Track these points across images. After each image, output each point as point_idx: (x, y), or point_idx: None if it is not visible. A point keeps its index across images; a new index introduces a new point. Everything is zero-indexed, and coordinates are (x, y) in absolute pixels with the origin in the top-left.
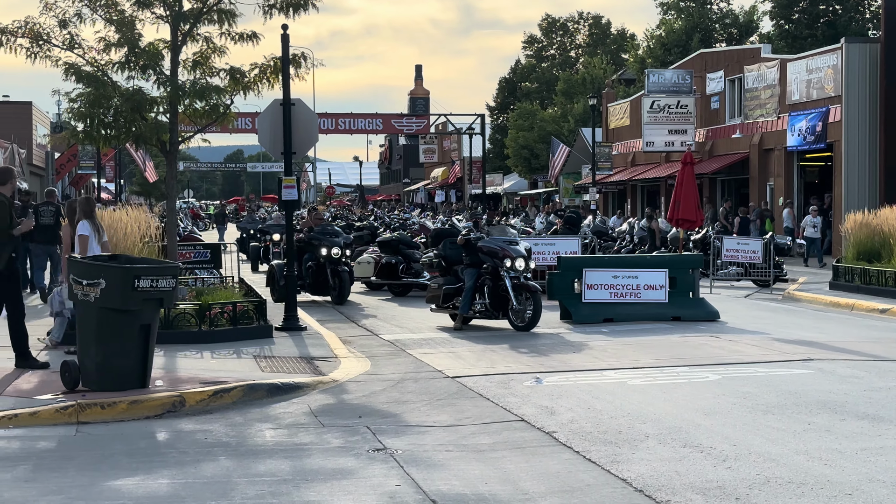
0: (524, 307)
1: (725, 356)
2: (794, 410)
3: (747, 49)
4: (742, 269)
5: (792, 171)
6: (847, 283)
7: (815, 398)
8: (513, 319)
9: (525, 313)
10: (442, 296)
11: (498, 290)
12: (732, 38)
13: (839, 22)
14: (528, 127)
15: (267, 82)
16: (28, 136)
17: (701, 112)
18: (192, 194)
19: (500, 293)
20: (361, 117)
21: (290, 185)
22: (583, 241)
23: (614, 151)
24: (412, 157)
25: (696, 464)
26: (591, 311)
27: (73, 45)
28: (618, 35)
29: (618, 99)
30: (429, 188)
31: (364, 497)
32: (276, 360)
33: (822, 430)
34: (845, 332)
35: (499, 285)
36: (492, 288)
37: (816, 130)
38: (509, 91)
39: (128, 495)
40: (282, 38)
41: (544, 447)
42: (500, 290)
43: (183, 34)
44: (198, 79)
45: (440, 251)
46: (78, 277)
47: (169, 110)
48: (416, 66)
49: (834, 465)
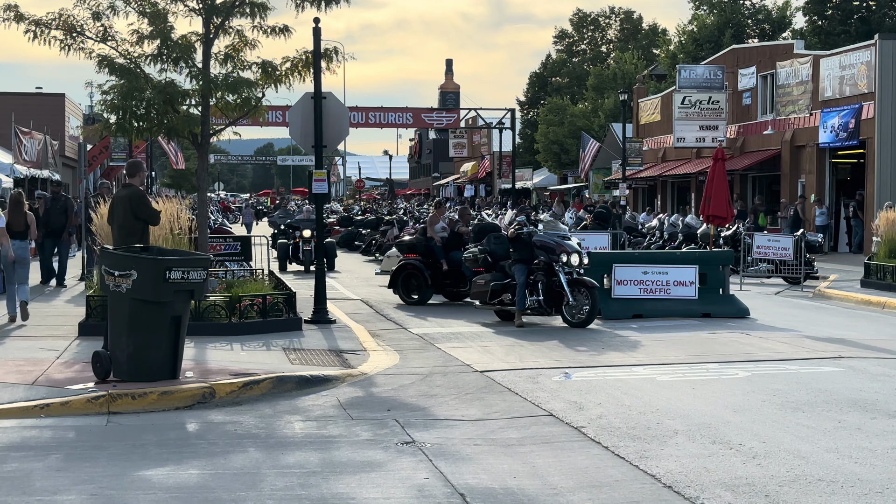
0: (580, 303)
1: (755, 353)
2: (824, 408)
3: (780, 45)
4: (773, 266)
5: (824, 168)
6: (879, 280)
7: (845, 396)
8: (567, 315)
9: (582, 308)
10: (490, 292)
11: (551, 285)
12: (765, 33)
13: (873, 18)
14: (559, 122)
15: (298, 76)
16: (61, 127)
17: (732, 108)
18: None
19: (554, 289)
20: (392, 111)
21: (321, 178)
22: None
23: (645, 147)
24: (442, 152)
25: (726, 460)
26: (621, 307)
27: (106, 38)
28: (649, 30)
29: (649, 94)
30: (458, 182)
31: (392, 490)
32: (305, 353)
33: (853, 429)
34: (876, 329)
35: (552, 281)
36: (545, 284)
37: (849, 127)
38: (540, 86)
39: (158, 485)
40: (313, 31)
41: (573, 442)
42: (554, 286)
43: (215, 27)
44: (230, 72)
45: (484, 246)
46: (110, 268)
47: (201, 103)
48: (447, 61)
49: (864, 463)
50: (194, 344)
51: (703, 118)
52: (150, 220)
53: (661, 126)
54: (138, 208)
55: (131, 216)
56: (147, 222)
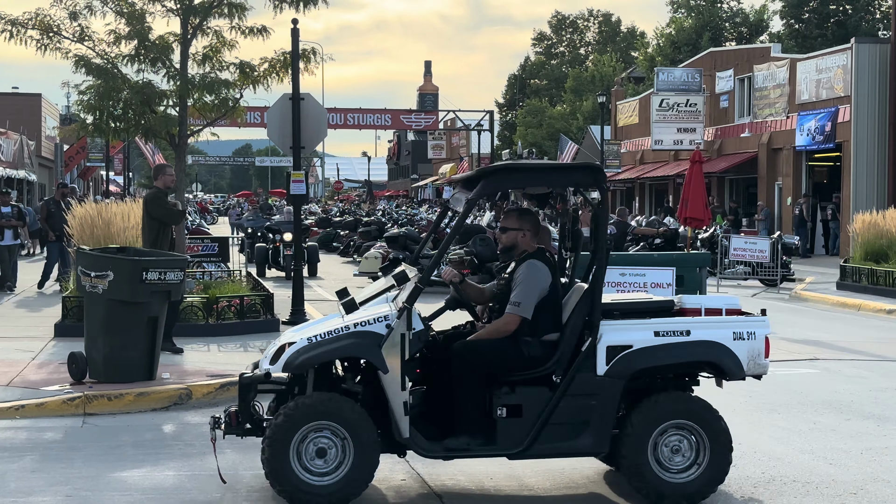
0: None
1: None
2: (799, 410)
3: (757, 48)
4: (749, 269)
5: (800, 171)
6: (854, 283)
7: (820, 397)
8: None
9: None
10: None
11: None
12: (742, 37)
13: (849, 22)
14: (537, 124)
15: (276, 76)
16: (37, 127)
17: (710, 111)
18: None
19: None
20: (370, 112)
21: (299, 179)
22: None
23: (623, 149)
24: (421, 153)
25: None
26: None
27: (83, 38)
28: (628, 33)
29: (627, 97)
30: (437, 184)
31: (369, 491)
32: None
33: (828, 430)
34: (852, 332)
35: None
36: None
37: (825, 130)
38: (518, 88)
39: (134, 487)
40: (292, 32)
41: None
42: None
43: (193, 27)
44: (207, 72)
45: (471, 248)
46: (86, 269)
47: (178, 104)
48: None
49: (839, 464)
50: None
51: (680, 121)
52: (166, 218)
53: (638, 128)
54: (153, 209)
55: (147, 217)
56: (163, 222)
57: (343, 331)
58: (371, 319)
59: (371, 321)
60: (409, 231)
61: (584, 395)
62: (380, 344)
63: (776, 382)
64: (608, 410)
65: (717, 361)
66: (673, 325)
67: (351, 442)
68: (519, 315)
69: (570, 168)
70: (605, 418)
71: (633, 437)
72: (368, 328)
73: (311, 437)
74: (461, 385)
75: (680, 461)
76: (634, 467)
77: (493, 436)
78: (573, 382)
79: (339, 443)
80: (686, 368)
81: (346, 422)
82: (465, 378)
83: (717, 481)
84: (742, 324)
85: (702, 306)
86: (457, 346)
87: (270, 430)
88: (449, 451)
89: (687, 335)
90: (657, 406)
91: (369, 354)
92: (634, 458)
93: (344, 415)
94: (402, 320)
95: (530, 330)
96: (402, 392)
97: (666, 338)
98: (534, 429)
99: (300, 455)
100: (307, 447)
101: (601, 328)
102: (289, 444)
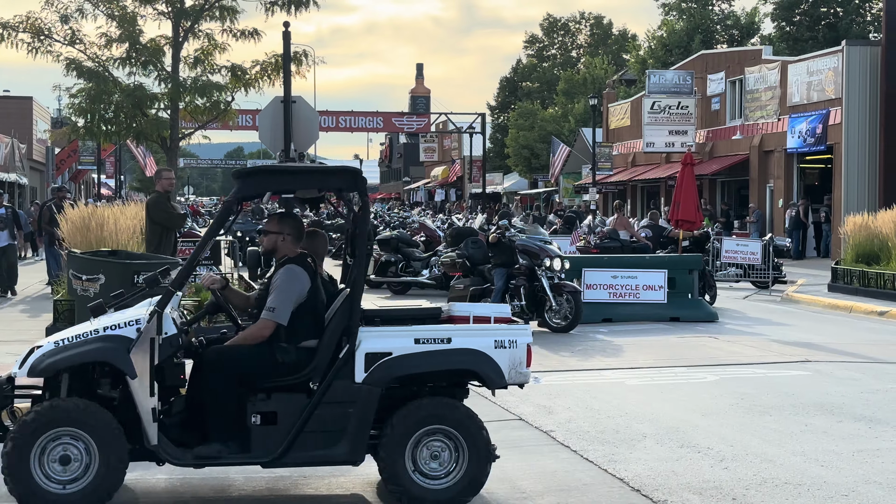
0: (562, 308)
1: (723, 357)
2: (791, 412)
3: (748, 51)
4: (741, 271)
5: (792, 173)
6: (846, 285)
7: (812, 399)
8: (549, 321)
9: (564, 313)
10: (469, 297)
11: (534, 290)
12: (734, 39)
13: (840, 24)
14: (529, 126)
15: (268, 79)
16: (28, 131)
17: (701, 113)
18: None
19: (536, 293)
20: (362, 115)
21: None
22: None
23: (615, 152)
24: (412, 156)
25: (693, 464)
26: (591, 311)
27: (74, 41)
28: (619, 35)
29: (618, 99)
30: (429, 187)
31: (360, 492)
32: None
33: (819, 432)
34: (843, 333)
35: (534, 286)
36: (528, 289)
37: (816, 133)
38: (510, 90)
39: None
40: (283, 35)
41: (542, 446)
42: (536, 291)
43: (185, 30)
44: (199, 75)
45: (463, 251)
46: (77, 272)
47: (170, 106)
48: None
49: (831, 466)
50: None
51: (672, 123)
52: (167, 223)
53: (630, 131)
54: (154, 213)
55: (150, 221)
56: (164, 226)
57: (92, 334)
58: (122, 323)
59: (122, 325)
60: (402, 234)
61: (341, 403)
62: (129, 348)
63: (768, 384)
64: (365, 418)
65: (477, 369)
66: (434, 332)
67: (96, 450)
68: (274, 321)
69: (330, 171)
70: (361, 426)
71: (391, 441)
72: (118, 332)
73: (53, 444)
74: (212, 391)
75: (437, 468)
76: (392, 471)
77: (247, 443)
78: (330, 390)
79: (84, 450)
80: (447, 376)
81: (90, 429)
82: (217, 384)
83: (473, 491)
84: (504, 332)
85: (471, 314)
86: (208, 351)
87: (13, 431)
88: (200, 459)
89: (448, 343)
90: (417, 411)
91: (116, 359)
92: (392, 462)
93: (89, 422)
94: (151, 324)
95: (287, 336)
96: (150, 398)
97: (426, 345)
98: (288, 436)
99: (41, 461)
100: (50, 453)
101: (360, 335)
102: (30, 449)
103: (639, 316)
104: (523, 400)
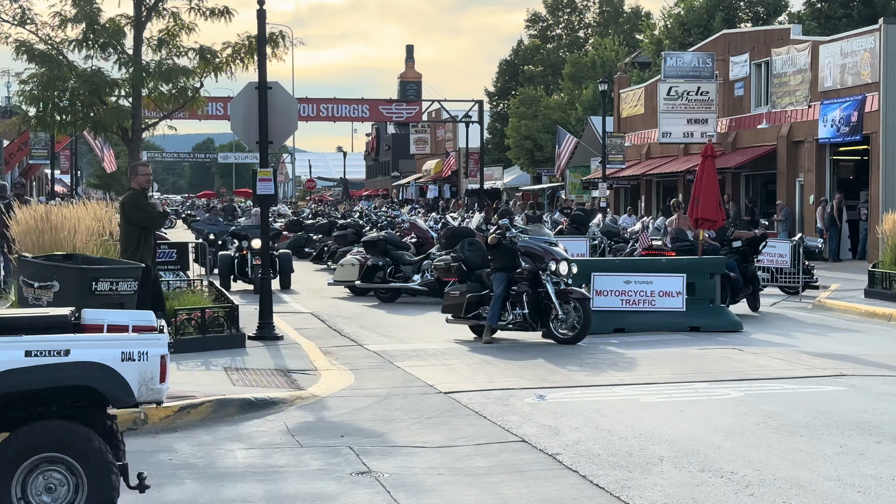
0: (569, 316)
1: (749, 371)
2: (824, 431)
3: (775, 30)
4: (768, 275)
5: (824, 166)
6: (884, 290)
7: (847, 418)
8: (555, 330)
9: (572, 322)
10: (465, 304)
11: (538, 297)
12: (759, 17)
13: (877, 1)
14: (532, 115)
15: (241, 63)
16: None
17: (723, 100)
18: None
19: (540, 301)
20: (346, 103)
21: (266, 177)
22: (591, 243)
23: (627, 143)
24: (402, 148)
25: (716, 490)
26: (601, 320)
27: (24, 20)
28: (632, 13)
29: (631, 84)
30: (420, 182)
31: None
32: (249, 373)
33: (856, 454)
34: (882, 344)
35: (538, 292)
36: (531, 295)
37: (851, 121)
38: (510, 75)
39: None
40: (257, 13)
41: (547, 471)
42: (541, 298)
43: (147, 9)
44: (164, 59)
45: (458, 253)
46: (29, 279)
47: (131, 94)
48: (407, 47)
49: (868, 492)
50: None
51: (691, 111)
52: (145, 222)
53: (644, 119)
54: (131, 213)
55: (125, 221)
56: (143, 227)
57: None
58: None
59: None
60: (390, 235)
61: None
62: None
63: (798, 401)
64: None
65: (97, 386)
66: (49, 343)
67: None
68: None
69: None
70: None
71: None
72: None
73: None
74: None
75: (50, 501)
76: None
77: None
78: None
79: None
80: (64, 394)
81: None
82: None
83: None
84: (132, 343)
85: (105, 322)
86: None
87: None
88: None
89: (66, 355)
90: (27, 437)
91: None
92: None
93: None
94: None
95: None
96: None
97: (39, 358)
98: None
99: None
100: None
101: None
102: None
103: (654, 325)
104: (526, 419)
